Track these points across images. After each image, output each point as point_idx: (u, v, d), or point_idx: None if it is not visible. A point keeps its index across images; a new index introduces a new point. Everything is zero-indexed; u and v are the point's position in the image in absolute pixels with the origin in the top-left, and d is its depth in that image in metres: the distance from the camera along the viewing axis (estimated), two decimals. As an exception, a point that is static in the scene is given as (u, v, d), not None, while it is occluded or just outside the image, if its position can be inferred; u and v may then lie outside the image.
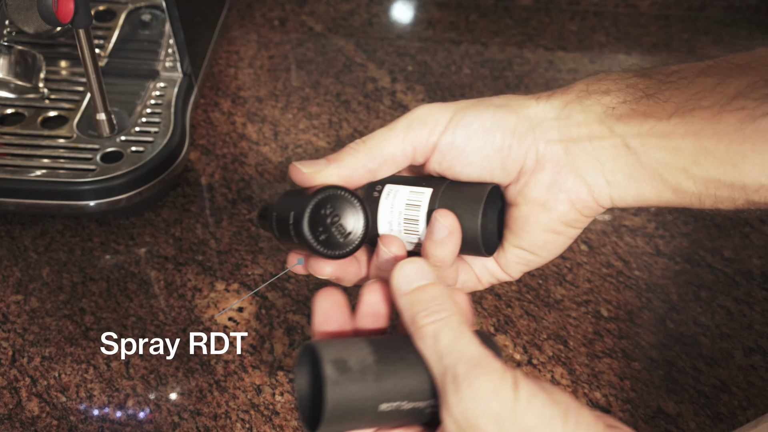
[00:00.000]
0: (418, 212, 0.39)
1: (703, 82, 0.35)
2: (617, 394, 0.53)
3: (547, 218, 0.39)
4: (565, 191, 0.38)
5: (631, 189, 0.37)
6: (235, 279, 0.61)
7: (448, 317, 0.33)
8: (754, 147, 0.33)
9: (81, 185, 0.62)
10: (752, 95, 0.33)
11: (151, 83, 0.72)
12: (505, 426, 0.30)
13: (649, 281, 0.61)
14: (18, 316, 0.59)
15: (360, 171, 0.39)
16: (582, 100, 0.38)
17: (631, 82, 0.37)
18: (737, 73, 0.34)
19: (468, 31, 0.87)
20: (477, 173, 0.39)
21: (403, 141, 0.39)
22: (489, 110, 0.39)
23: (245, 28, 0.87)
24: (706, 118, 0.34)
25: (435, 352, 0.32)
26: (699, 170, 0.35)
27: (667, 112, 0.35)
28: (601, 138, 0.37)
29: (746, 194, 0.34)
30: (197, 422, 0.52)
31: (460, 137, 0.39)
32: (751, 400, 0.53)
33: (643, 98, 0.36)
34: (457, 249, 0.38)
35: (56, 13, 0.51)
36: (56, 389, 0.54)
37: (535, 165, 0.39)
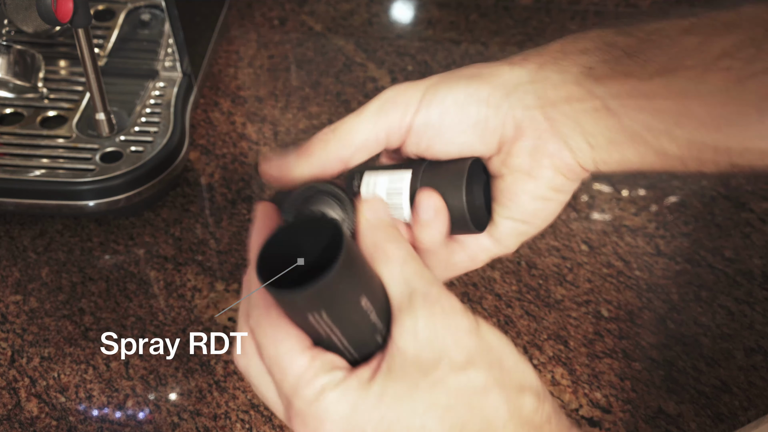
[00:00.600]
0: (401, 198, 0.38)
1: (686, 40, 0.33)
2: (618, 394, 0.53)
3: (534, 186, 0.38)
4: (548, 156, 0.37)
5: (613, 152, 0.36)
6: (235, 279, 0.61)
7: (412, 250, 0.34)
8: (739, 109, 0.32)
9: (80, 185, 0.62)
10: (738, 55, 0.32)
11: (151, 83, 0.72)
12: (471, 342, 0.31)
13: (649, 281, 0.60)
14: (17, 316, 0.59)
15: (333, 162, 0.38)
16: (558, 60, 0.37)
17: (610, 40, 0.36)
18: (722, 32, 0.33)
19: (468, 30, 0.87)
20: (457, 150, 0.38)
21: (375, 126, 0.38)
22: (461, 83, 0.38)
23: (245, 27, 0.87)
24: (689, 78, 0.33)
25: (401, 275, 0.32)
26: (682, 132, 0.34)
27: (648, 72, 0.34)
28: (580, 100, 0.36)
29: (730, 157, 0.33)
30: (197, 422, 0.52)
31: (434, 115, 0.37)
32: (752, 401, 0.53)
33: (623, 57, 0.35)
34: (445, 229, 0.37)
35: (55, 13, 0.51)
36: (55, 389, 0.54)
37: (514, 132, 0.37)
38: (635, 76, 0.34)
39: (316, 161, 0.38)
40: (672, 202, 0.67)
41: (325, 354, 0.32)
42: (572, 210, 0.66)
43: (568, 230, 0.64)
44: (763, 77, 0.31)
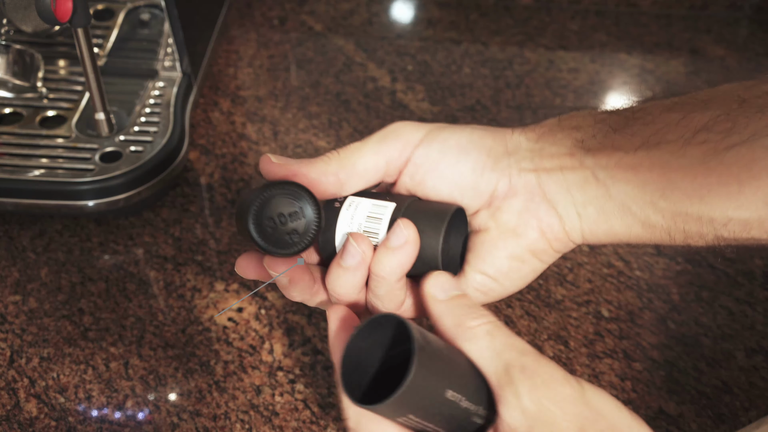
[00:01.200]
0: (379, 225, 0.37)
1: (668, 117, 0.35)
2: (618, 394, 0.53)
3: (515, 244, 0.39)
4: (537, 219, 0.38)
5: (601, 222, 0.37)
6: (235, 279, 0.61)
7: (495, 320, 0.34)
8: (719, 180, 0.33)
9: (80, 185, 0.61)
10: (715, 128, 0.33)
11: (150, 83, 0.71)
12: (580, 410, 0.31)
13: (650, 281, 0.60)
14: (16, 316, 0.58)
15: (329, 178, 0.38)
16: (554, 133, 0.38)
17: (600, 118, 0.38)
18: (701, 108, 0.35)
19: (468, 30, 0.87)
20: (448, 191, 0.39)
21: (376, 155, 0.39)
22: (466, 130, 0.39)
23: (245, 27, 0.87)
24: (671, 152, 0.34)
25: (491, 349, 0.32)
26: (666, 204, 0.35)
27: (633, 145, 0.36)
28: (572, 169, 0.37)
29: (715, 229, 0.34)
30: (196, 423, 0.52)
31: (434, 151, 0.38)
32: (753, 401, 0.53)
33: (611, 132, 0.37)
34: (409, 263, 0.36)
35: (54, 12, 0.51)
36: (55, 390, 0.54)
37: (507, 190, 0.39)
38: (622, 149, 0.36)
39: (314, 172, 0.38)
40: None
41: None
42: (573, 210, 0.66)
43: (569, 230, 0.64)
44: (739, 149, 0.32)
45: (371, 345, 0.33)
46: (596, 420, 0.31)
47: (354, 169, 0.39)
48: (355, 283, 0.37)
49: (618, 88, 0.80)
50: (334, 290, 0.38)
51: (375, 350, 0.34)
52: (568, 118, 0.39)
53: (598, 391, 0.32)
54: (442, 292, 0.35)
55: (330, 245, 0.39)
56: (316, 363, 0.55)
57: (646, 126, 0.36)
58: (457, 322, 0.34)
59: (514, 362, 0.31)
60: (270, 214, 0.36)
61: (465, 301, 0.35)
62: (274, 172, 0.38)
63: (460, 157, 0.38)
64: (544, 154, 0.38)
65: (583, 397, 0.31)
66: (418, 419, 0.31)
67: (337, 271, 0.37)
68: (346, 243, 0.37)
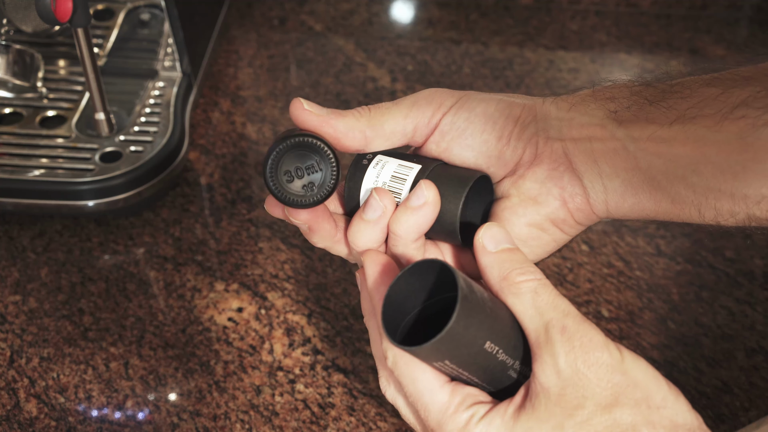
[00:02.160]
0: (403, 186, 0.38)
1: (706, 91, 0.35)
2: (618, 395, 0.53)
3: (535, 212, 0.38)
4: (560, 187, 0.38)
5: (628, 196, 0.36)
6: (235, 279, 0.61)
7: (543, 278, 0.33)
8: (755, 156, 0.32)
9: (80, 185, 0.61)
10: (755, 104, 0.33)
11: (150, 83, 0.71)
12: (615, 378, 0.30)
13: (650, 281, 0.60)
14: (16, 316, 0.58)
15: (356, 133, 0.38)
16: (587, 104, 0.38)
17: (636, 89, 0.37)
18: (741, 84, 0.34)
19: (468, 30, 0.87)
20: (473, 158, 0.39)
21: (405, 119, 0.39)
22: (494, 99, 0.39)
23: (245, 27, 0.87)
24: (707, 126, 0.34)
25: (534, 307, 0.32)
26: (698, 179, 0.34)
27: (668, 118, 0.35)
28: (601, 140, 0.36)
29: (747, 207, 0.34)
30: (196, 423, 0.52)
31: (461, 119, 0.38)
32: (753, 401, 0.53)
33: (646, 105, 0.36)
34: (427, 224, 0.37)
35: (54, 12, 0.51)
36: (55, 390, 0.54)
37: (533, 159, 0.38)
38: (656, 122, 0.35)
39: (342, 124, 0.38)
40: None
41: (464, 388, 0.33)
42: (573, 210, 0.66)
43: (569, 230, 0.64)
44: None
45: (414, 289, 0.33)
46: (631, 389, 0.31)
47: (381, 130, 0.38)
48: (375, 237, 0.37)
49: (618, 88, 0.80)
50: (354, 242, 0.38)
51: (417, 295, 0.34)
52: (603, 90, 0.38)
53: (636, 360, 0.31)
54: (493, 244, 0.35)
55: (354, 200, 0.39)
56: (316, 363, 0.55)
57: (683, 99, 0.35)
58: (504, 275, 0.34)
59: (555, 322, 0.31)
60: (287, 166, 0.36)
61: (515, 256, 0.34)
62: (303, 119, 0.38)
63: (487, 126, 0.38)
64: (573, 123, 0.37)
65: (620, 365, 0.31)
66: (453, 366, 0.32)
67: (359, 224, 0.37)
68: (369, 197, 0.37)
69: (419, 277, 0.33)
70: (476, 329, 0.31)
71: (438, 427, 0.33)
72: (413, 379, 0.33)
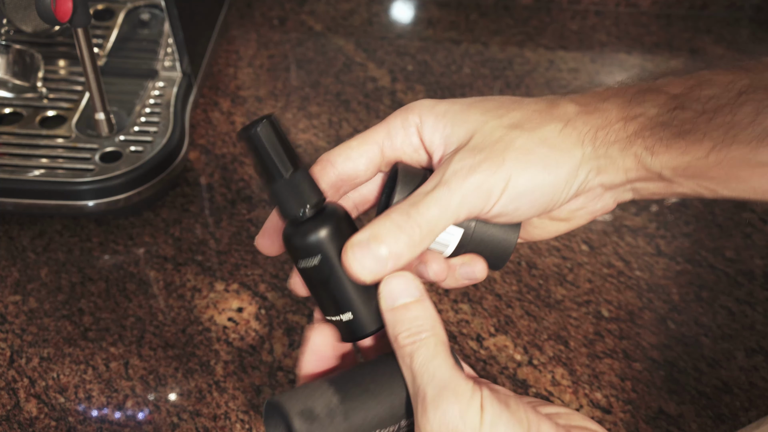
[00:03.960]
0: (446, 250, 0.38)
1: (741, 112, 0.34)
2: (618, 394, 0.53)
3: (565, 226, 0.40)
4: (592, 212, 0.39)
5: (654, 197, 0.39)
6: (235, 279, 0.61)
7: (426, 338, 0.34)
8: None
9: (80, 185, 0.61)
10: None
11: (150, 83, 0.71)
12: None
13: (650, 281, 0.60)
14: (16, 316, 0.58)
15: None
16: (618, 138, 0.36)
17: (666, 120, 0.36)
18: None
19: (468, 30, 0.87)
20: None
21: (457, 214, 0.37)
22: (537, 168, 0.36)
23: (245, 27, 0.87)
24: (743, 153, 0.34)
25: (410, 371, 0.34)
26: (730, 192, 0.36)
27: (704, 149, 0.35)
28: (637, 175, 0.37)
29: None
30: (196, 423, 0.52)
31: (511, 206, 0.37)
32: (753, 401, 0.53)
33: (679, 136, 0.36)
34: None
35: (54, 12, 0.51)
36: (55, 390, 0.54)
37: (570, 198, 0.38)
38: (691, 154, 0.35)
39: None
40: (672, 202, 0.67)
41: None
42: (573, 210, 0.66)
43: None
44: None
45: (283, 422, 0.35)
46: None
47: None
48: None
49: (618, 88, 0.79)
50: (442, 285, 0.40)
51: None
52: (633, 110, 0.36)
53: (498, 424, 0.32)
54: (390, 300, 0.35)
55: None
56: (316, 363, 0.55)
57: (717, 127, 0.35)
58: (393, 337, 0.35)
59: (419, 390, 0.33)
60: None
61: (407, 314, 0.35)
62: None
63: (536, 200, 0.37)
64: (609, 163, 0.37)
65: (478, 428, 0.32)
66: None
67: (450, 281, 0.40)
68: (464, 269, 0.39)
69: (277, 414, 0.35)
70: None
71: None
72: None
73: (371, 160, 0.38)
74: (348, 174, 0.38)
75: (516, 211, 0.36)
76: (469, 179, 0.34)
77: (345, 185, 0.38)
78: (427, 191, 0.35)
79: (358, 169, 0.38)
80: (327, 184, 0.37)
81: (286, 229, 0.35)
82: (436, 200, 0.34)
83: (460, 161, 0.35)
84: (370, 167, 0.38)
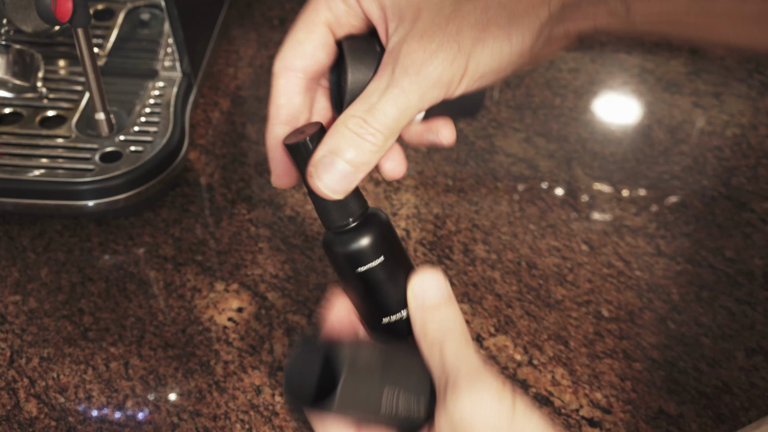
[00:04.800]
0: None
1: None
2: (618, 394, 0.53)
3: None
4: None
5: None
6: (235, 279, 0.61)
7: (455, 332, 0.35)
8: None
9: (80, 185, 0.61)
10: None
11: (150, 83, 0.71)
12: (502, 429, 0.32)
13: (650, 281, 0.60)
14: (16, 316, 0.58)
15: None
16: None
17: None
18: None
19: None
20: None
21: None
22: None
23: (245, 27, 0.87)
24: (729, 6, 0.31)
25: (440, 358, 0.34)
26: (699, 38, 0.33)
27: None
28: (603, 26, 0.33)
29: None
30: (196, 423, 0.52)
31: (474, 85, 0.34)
32: (753, 401, 0.53)
33: None
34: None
35: (54, 12, 0.51)
36: (55, 390, 0.54)
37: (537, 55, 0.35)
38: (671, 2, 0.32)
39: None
40: (672, 202, 0.67)
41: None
42: (572, 210, 0.66)
43: (569, 230, 0.64)
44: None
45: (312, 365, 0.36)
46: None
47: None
48: None
49: (618, 88, 0.80)
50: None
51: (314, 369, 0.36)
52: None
53: (528, 414, 0.32)
54: (420, 299, 0.36)
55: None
56: (316, 363, 0.55)
57: None
58: (422, 330, 0.35)
59: (451, 375, 0.33)
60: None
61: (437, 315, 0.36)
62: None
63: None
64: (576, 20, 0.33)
65: (510, 423, 0.32)
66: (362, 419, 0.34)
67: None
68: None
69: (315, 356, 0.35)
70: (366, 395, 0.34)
71: None
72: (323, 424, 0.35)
73: (326, 45, 0.35)
74: (314, 71, 0.35)
75: (481, 85, 0.34)
76: (425, 74, 0.31)
77: (315, 83, 0.36)
78: (382, 89, 0.32)
79: (320, 61, 0.35)
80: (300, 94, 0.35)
81: (333, 238, 0.36)
82: (392, 102, 0.32)
83: (411, 54, 0.32)
84: (329, 53, 0.35)
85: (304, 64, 0.35)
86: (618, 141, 0.73)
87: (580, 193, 0.67)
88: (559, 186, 0.68)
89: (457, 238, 0.64)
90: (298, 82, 0.35)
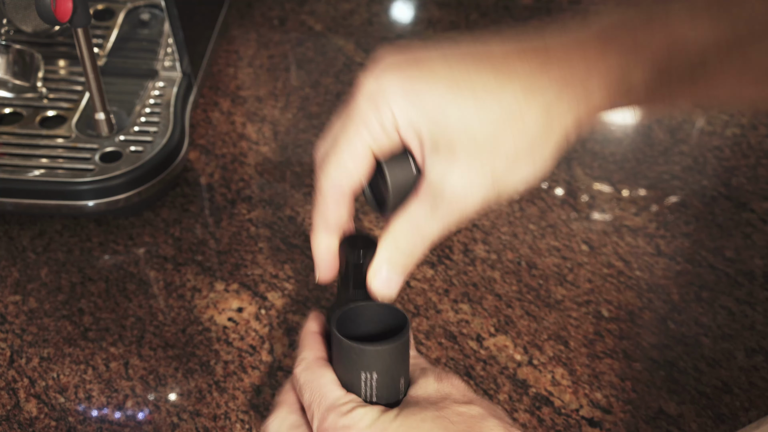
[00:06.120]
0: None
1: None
2: (618, 394, 0.53)
3: None
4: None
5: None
6: (235, 279, 0.61)
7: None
8: None
9: (80, 185, 0.61)
10: None
11: (150, 83, 0.71)
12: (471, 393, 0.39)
13: (650, 281, 0.60)
14: (16, 316, 0.58)
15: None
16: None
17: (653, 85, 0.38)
18: None
19: (468, 30, 0.87)
20: None
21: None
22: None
23: (245, 27, 0.87)
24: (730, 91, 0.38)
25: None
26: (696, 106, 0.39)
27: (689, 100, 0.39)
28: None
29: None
30: (196, 423, 0.52)
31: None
32: (753, 401, 0.53)
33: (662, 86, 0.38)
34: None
35: (54, 12, 0.51)
36: (55, 390, 0.54)
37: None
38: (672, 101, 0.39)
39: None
40: (672, 202, 0.67)
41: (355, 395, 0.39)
42: (572, 210, 0.66)
43: (569, 230, 0.64)
44: None
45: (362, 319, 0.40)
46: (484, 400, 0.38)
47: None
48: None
49: (618, 88, 0.80)
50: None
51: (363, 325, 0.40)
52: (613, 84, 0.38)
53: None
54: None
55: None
56: (316, 363, 0.55)
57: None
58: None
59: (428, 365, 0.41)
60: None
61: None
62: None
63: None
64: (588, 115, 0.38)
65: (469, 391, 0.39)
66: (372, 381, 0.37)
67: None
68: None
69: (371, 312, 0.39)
70: (404, 362, 0.38)
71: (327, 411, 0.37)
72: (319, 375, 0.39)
73: (368, 165, 0.38)
74: (357, 187, 0.39)
75: None
76: (465, 200, 0.37)
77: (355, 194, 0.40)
78: (427, 215, 0.37)
79: (362, 176, 0.38)
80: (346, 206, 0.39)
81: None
82: (439, 225, 0.37)
83: (450, 176, 0.36)
84: (370, 168, 0.38)
85: (351, 183, 0.38)
86: (618, 141, 0.73)
87: (580, 193, 0.67)
88: (559, 186, 0.68)
89: (457, 238, 0.64)
90: (344, 198, 0.39)
